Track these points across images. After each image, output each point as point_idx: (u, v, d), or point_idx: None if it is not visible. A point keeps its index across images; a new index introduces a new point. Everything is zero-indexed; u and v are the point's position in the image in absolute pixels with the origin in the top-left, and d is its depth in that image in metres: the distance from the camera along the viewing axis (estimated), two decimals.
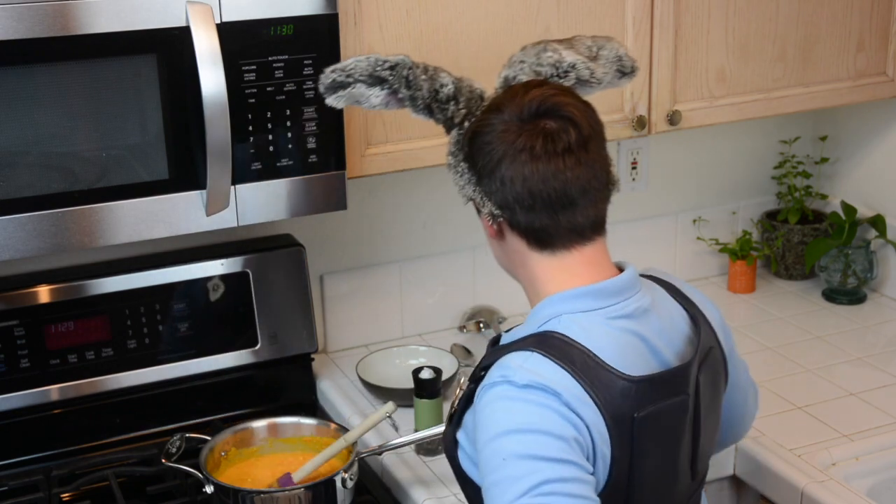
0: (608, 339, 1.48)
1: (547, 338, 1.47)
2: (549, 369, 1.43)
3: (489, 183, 1.52)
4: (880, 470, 2.08)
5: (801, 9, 2.40)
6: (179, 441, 2.00)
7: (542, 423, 1.39)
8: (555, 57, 1.63)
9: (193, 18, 1.78)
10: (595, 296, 1.51)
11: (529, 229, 1.52)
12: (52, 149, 1.79)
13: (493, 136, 1.51)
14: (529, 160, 1.48)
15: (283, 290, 2.29)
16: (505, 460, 1.38)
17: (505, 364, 1.46)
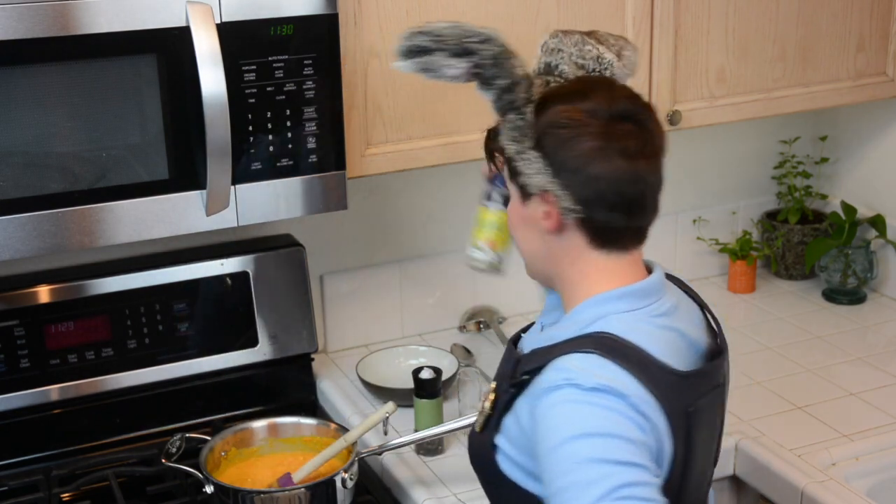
0: (655, 337, 1.49)
1: (602, 338, 1.46)
2: (611, 370, 1.42)
3: (571, 177, 1.47)
4: (880, 470, 2.08)
5: (801, 9, 2.40)
6: (179, 441, 2.00)
7: (613, 426, 1.38)
8: (595, 52, 1.62)
9: (193, 18, 1.78)
10: (637, 296, 1.52)
11: (601, 228, 1.50)
12: (52, 149, 1.79)
13: (583, 131, 1.47)
14: (622, 160, 1.47)
15: (283, 290, 2.29)
16: (578, 464, 1.36)
17: (564, 367, 1.43)
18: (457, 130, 2.14)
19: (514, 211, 1.57)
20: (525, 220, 1.55)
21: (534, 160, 1.49)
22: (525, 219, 1.55)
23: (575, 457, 1.37)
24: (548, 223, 1.51)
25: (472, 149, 2.16)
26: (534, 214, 1.53)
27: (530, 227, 1.55)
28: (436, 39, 1.51)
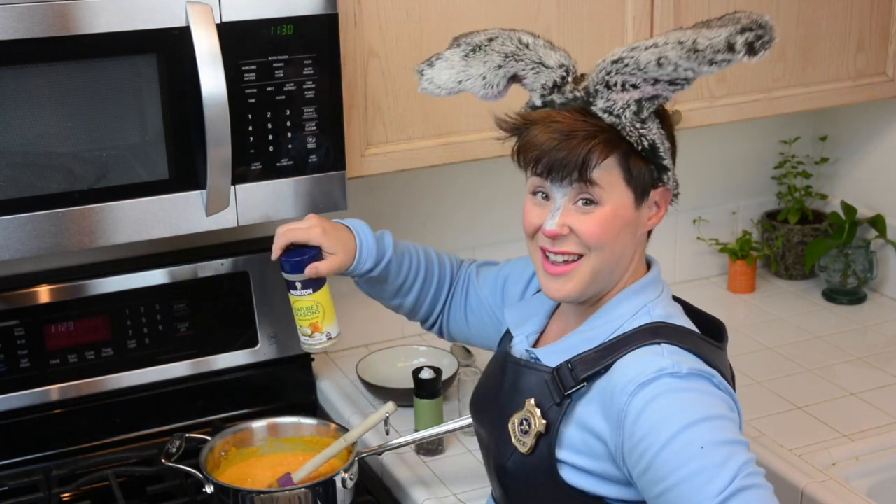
0: (683, 318, 1.56)
1: (658, 328, 1.50)
2: (686, 355, 1.47)
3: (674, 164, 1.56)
4: (880, 470, 2.08)
5: (801, 9, 2.40)
6: (179, 441, 2.00)
7: (719, 408, 1.43)
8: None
9: (193, 18, 1.78)
10: (654, 285, 1.58)
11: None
12: (52, 149, 1.79)
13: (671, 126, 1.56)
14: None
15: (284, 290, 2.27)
16: (703, 448, 1.38)
17: (647, 360, 1.45)
18: (457, 130, 2.14)
19: (619, 218, 1.50)
20: (629, 225, 1.52)
21: (671, 158, 1.54)
22: (630, 224, 1.52)
23: (697, 442, 1.38)
24: (654, 219, 1.57)
25: (472, 149, 2.16)
26: (643, 215, 1.55)
27: (631, 229, 1.53)
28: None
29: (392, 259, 1.76)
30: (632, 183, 1.50)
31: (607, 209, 1.49)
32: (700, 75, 1.47)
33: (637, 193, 1.51)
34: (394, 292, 1.80)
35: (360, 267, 1.72)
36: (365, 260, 1.72)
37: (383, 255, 1.75)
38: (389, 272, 1.76)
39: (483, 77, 1.60)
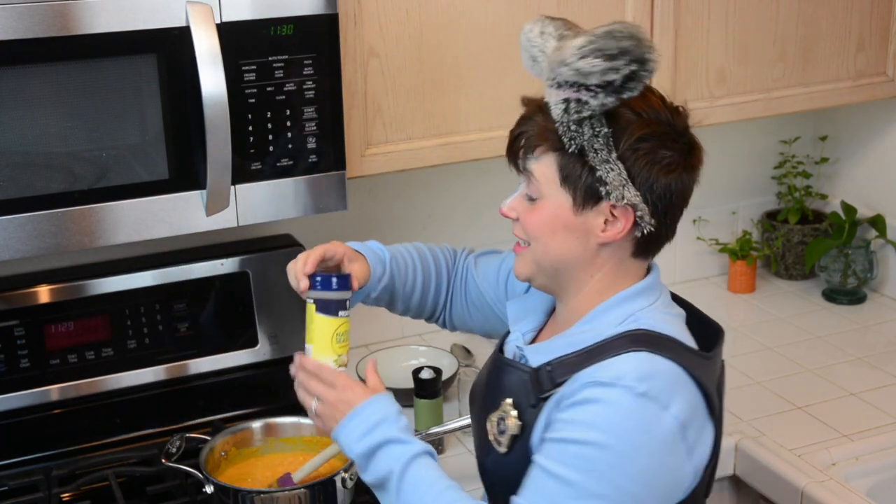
0: (676, 326, 1.54)
1: (642, 335, 1.48)
2: (662, 367, 1.45)
3: (655, 190, 1.48)
4: (880, 470, 2.08)
5: (801, 9, 2.40)
6: (179, 441, 2.00)
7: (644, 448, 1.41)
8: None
9: (193, 18, 1.78)
10: (649, 291, 1.55)
11: (659, 238, 1.53)
12: (52, 149, 1.79)
13: (666, 143, 1.49)
14: (694, 172, 1.55)
15: (283, 290, 2.27)
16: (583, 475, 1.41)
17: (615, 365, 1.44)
18: (457, 130, 2.14)
19: (555, 217, 1.51)
20: (570, 229, 1.51)
21: (620, 171, 1.46)
22: (571, 227, 1.51)
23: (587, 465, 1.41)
24: (609, 234, 1.49)
25: (472, 149, 2.16)
26: (588, 223, 1.50)
27: (574, 234, 1.51)
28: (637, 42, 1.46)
29: (390, 259, 1.75)
30: (566, 184, 1.49)
31: (545, 205, 1.51)
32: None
33: (576, 198, 1.48)
34: (400, 295, 1.79)
35: (374, 273, 1.72)
36: (375, 265, 1.72)
37: (383, 256, 1.75)
38: (394, 273, 1.76)
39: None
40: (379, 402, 1.55)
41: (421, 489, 1.49)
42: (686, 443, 1.45)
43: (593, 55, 1.42)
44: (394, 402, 1.56)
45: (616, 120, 1.47)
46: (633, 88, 1.45)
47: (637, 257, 1.54)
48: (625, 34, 1.43)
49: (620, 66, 1.43)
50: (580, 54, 1.42)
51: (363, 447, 1.53)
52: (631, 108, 1.48)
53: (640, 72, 1.45)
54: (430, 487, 1.49)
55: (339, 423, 1.55)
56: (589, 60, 1.42)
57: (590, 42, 1.43)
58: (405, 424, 1.54)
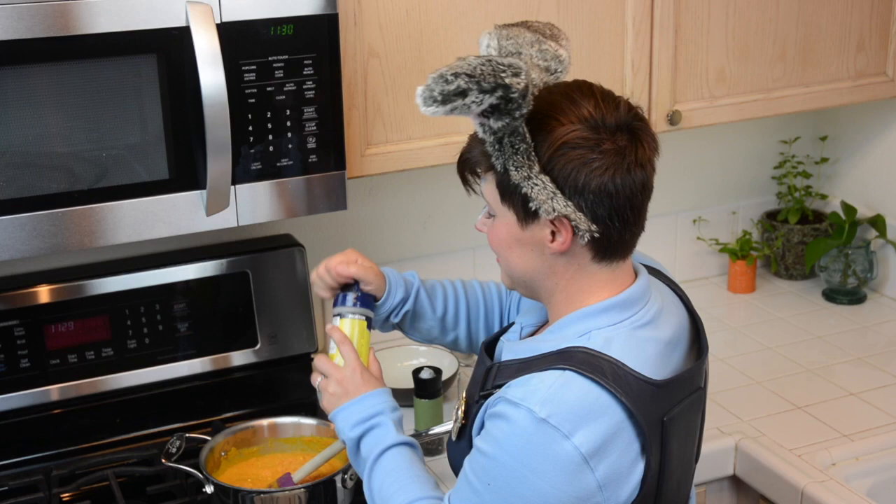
0: (634, 350, 1.48)
1: (577, 354, 1.46)
2: (582, 390, 1.42)
3: (589, 197, 1.44)
4: (880, 470, 2.08)
5: (801, 9, 2.40)
6: (179, 441, 2.00)
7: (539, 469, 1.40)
8: (552, 51, 1.57)
9: (193, 18, 1.78)
10: (621, 307, 1.51)
11: (614, 242, 1.48)
12: (52, 149, 1.79)
13: (595, 150, 1.44)
14: (637, 170, 1.47)
15: (283, 290, 2.29)
16: (490, 485, 1.43)
17: (532, 386, 1.43)
18: (456, 130, 2.13)
19: (507, 233, 1.52)
20: (522, 243, 1.51)
21: (545, 184, 1.44)
22: (522, 241, 1.51)
23: (487, 476, 1.43)
24: (557, 245, 1.48)
25: None
26: (537, 237, 1.49)
27: (528, 247, 1.51)
28: (475, 79, 1.40)
29: (421, 289, 1.80)
30: (506, 202, 1.49)
31: (499, 222, 1.52)
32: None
33: (518, 214, 1.48)
34: (440, 327, 1.81)
35: (392, 296, 1.77)
36: (396, 288, 1.77)
37: (411, 285, 1.79)
38: (423, 303, 1.80)
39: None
40: (379, 396, 1.64)
41: (388, 479, 1.57)
42: (595, 474, 1.41)
43: (425, 104, 1.41)
44: (390, 398, 1.65)
45: (540, 130, 1.45)
46: (520, 107, 1.41)
47: (601, 262, 1.50)
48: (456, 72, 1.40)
49: (470, 103, 1.40)
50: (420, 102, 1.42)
51: (354, 434, 1.63)
52: (555, 116, 1.45)
53: (508, 96, 1.40)
54: (396, 479, 1.56)
55: (338, 406, 1.65)
56: (430, 108, 1.41)
57: (426, 87, 1.41)
58: (397, 419, 1.62)
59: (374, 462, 1.60)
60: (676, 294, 1.65)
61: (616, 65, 2.25)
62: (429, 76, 1.41)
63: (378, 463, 1.60)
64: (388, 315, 1.80)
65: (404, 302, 1.79)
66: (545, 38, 1.57)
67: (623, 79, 2.27)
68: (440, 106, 1.40)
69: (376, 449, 1.60)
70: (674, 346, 1.55)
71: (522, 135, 1.43)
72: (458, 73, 1.40)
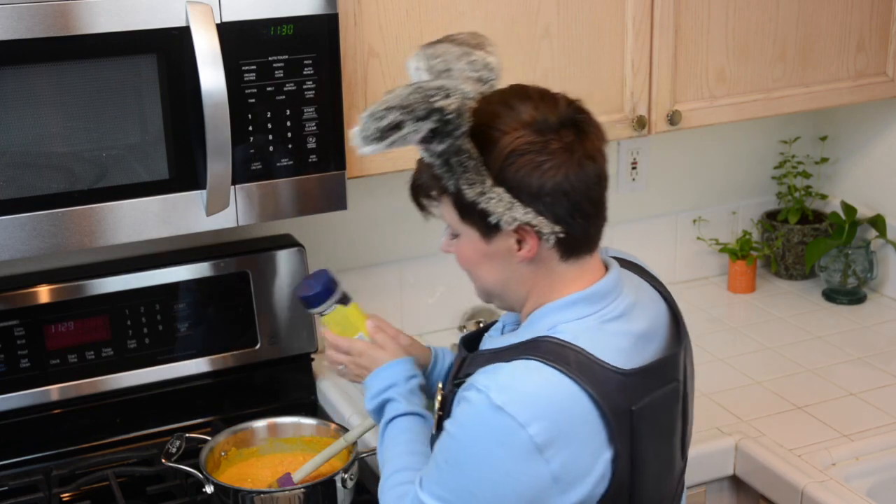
0: (602, 341, 1.48)
1: (543, 343, 1.47)
2: (541, 378, 1.42)
3: (547, 200, 1.44)
4: (880, 470, 2.08)
5: (801, 9, 2.40)
6: (179, 441, 2.00)
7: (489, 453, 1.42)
8: (481, 60, 1.56)
9: (193, 18, 1.78)
10: (590, 300, 1.51)
11: (578, 238, 1.48)
12: (52, 149, 1.79)
13: (543, 151, 1.43)
14: (589, 163, 1.45)
15: (283, 290, 2.29)
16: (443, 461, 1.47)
17: (494, 373, 1.45)
18: None
19: (474, 250, 1.52)
20: (490, 257, 1.52)
21: (501, 196, 1.44)
22: (490, 255, 1.51)
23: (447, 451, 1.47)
24: (525, 253, 1.48)
25: None
26: (503, 248, 1.49)
27: (497, 260, 1.52)
28: (407, 110, 1.40)
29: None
30: (466, 220, 1.49)
31: (462, 241, 1.53)
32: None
33: (480, 230, 1.49)
34: None
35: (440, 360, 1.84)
36: (444, 355, 1.85)
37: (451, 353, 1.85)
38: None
39: None
40: (392, 368, 1.72)
41: (389, 446, 1.65)
42: (549, 466, 1.41)
43: (363, 144, 1.42)
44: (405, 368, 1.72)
45: (485, 143, 1.44)
46: (458, 126, 1.42)
47: (569, 260, 1.50)
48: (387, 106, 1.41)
49: (407, 134, 1.41)
50: (358, 144, 1.43)
51: (371, 407, 1.72)
52: (498, 127, 1.45)
53: (444, 119, 1.40)
54: (393, 447, 1.63)
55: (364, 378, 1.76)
56: (369, 148, 1.42)
57: (360, 128, 1.42)
58: (409, 389, 1.69)
59: (383, 430, 1.68)
60: (656, 289, 1.64)
61: (616, 65, 2.25)
62: (360, 116, 1.41)
63: (385, 431, 1.67)
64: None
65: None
66: (472, 49, 1.56)
67: (623, 79, 2.27)
68: (378, 143, 1.42)
69: (385, 419, 1.68)
70: (648, 340, 1.54)
71: (468, 151, 1.44)
72: (390, 107, 1.40)
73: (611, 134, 2.29)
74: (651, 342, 1.55)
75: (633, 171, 2.73)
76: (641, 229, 2.79)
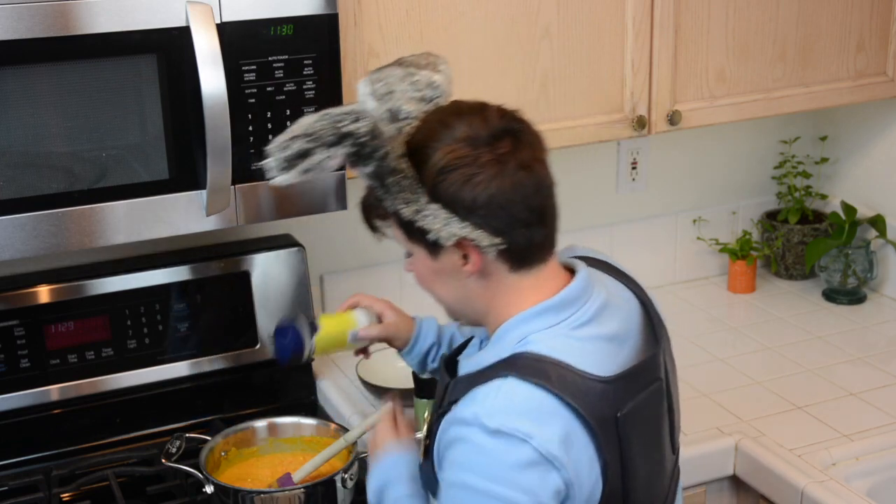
0: (576, 350, 1.47)
1: (520, 359, 1.45)
2: (525, 395, 1.42)
3: (483, 213, 1.43)
4: (880, 470, 2.08)
5: (801, 9, 2.40)
6: (179, 441, 2.00)
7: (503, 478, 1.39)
8: (424, 79, 1.57)
9: (193, 18, 1.78)
10: (557, 308, 1.50)
11: (523, 248, 1.48)
12: (52, 149, 1.79)
13: (475, 164, 1.43)
14: (523, 173, 1.45)
15: (283, 290, 2.29)
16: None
17: (477, 399, 1.43)
18: None
19: (426, 267, 1.53)
20: (440, 274, 1.52)
21: (436, 212, 1.45)
22: (440, 272, 1.52)
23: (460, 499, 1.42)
24: (470, 267, 1.48)
25: None
26: (450, 264, 1.50)
27: (447, 277, 1.52)
28: (313, 137, 1.41)
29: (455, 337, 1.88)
30: (412, 240, 1.51)
31: (415, 259, 1.55)
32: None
33: (426, 247, 1.50)
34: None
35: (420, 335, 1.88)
36: (426, 330, 1.88)
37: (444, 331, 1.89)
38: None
39: None
40: (390, 462, 1.66)
41: None
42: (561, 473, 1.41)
43: (274, 172, 1.43)
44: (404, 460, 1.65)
45: (419, 161, 1.46)
46: (377, 148, 1.43)
47: (520, 271, 1.50)
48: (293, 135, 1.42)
49: (321, 160, 1.42)
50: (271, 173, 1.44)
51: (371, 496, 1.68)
52: (430, 144, 1.46)
53: (358, 142, 1.42)
54: None
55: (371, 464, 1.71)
56: (281, 177, 1.43)
57: (269, 159, 1.43)
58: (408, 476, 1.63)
59: None
60: (629, 288, 1.63)
61: (616, 65, 2.25)
62: (267, 148, 1.43)
63: None
64: (425, 360, 1.90)
65: (436, 346, 1.88)
66: (419, 69, 1.58)
67: (623, 79, 2.27)
68: (288, 172, 1.42)
69: None
70: (622, 342, 1.54)
71: (404, 171, 1.45)
72: (294, 136, 1.41)
73: (610, 134, 2.30)
74: (625, 343, 1.54)
75: (633, 171, 2.73)
76: (641, 229, 2.79)
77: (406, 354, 1.92)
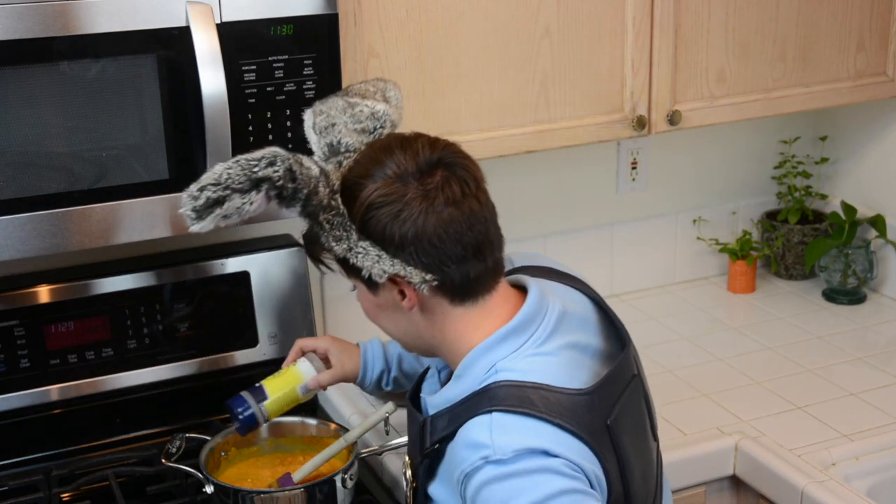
0: (549, 367, 1.46)
1: (498, 390, 1.43)
2: (517, 424, 1.41)
3: (412, 250, 1.43)
4: (880, 470, 2.08)
5: (801, 9, 2.40)
6: (179, 441, 2.00)
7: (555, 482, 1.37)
8: (367, 110, 1.58)
9: (193, 18, 1.78)
10: (517, 332, 1.49)
11: (460, 283, 1.46)
12: (52, 149, 1.79)
13: (401, 201, 1.43)
14: (452, 209, 1.43)
15: (283, 290, 2.29)
16: None
17: (474, 442, 1.41)
18: (457, 130, 2.13)
19: (368, 302, 1.54)
20: (384, 308, 1.53)
21: (367, 250, 1.44)
22: (383, 307, 1.53)
23: None
24: (407, 303, 1.48)
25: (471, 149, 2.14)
26: (389, 299, 1.50)
27: (391, 311, 1.52)
28: (223, 186, 1.42)
29: (403, 356, 1.90)
30: (351, 275, 1.51)
31: (359, 293, 1.56)
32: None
33: (364, 283, 1.50)
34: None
35: (367, 367, 1.90)
36: (373, 359, 1.90)
37: (392, 355, 1.91)
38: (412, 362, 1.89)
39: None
40: None
41: None
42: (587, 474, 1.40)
43: (191, 222, 1.45)
44: None
45: (349, 199, 1.46)
46: (298, 190, 1.43)
47: (463, 303, 1.49)
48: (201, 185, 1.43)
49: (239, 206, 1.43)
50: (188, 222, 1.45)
51: None
52: (360, 181, 1.46)
53: (275, 185, 1.42)
54: None
55: None
56: (197, 226, 1.45)
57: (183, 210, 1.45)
58: None
59: None
60: (575, 288, 1.62)
61: (616, 65, 2.25)
62: (181, 197, 1.44)
63: None
64: (378, 385, 1.94)
65: (386, 371, 1.92)
66: (363, 99, 1.58)
67: (623, 79, 2.27)
68: (201, 220, 1.44)
69: None
70: (585, 346, 1.53)
71: (336, 208, 1.45)
72: (204, 185, 1.43)
73: (610, 134, 2.30)
74: (588, 347, 1.54)
75: (633, 171, 2.73)
76: (641, 229, 2.79)
77: (359, 385, 1.95)
